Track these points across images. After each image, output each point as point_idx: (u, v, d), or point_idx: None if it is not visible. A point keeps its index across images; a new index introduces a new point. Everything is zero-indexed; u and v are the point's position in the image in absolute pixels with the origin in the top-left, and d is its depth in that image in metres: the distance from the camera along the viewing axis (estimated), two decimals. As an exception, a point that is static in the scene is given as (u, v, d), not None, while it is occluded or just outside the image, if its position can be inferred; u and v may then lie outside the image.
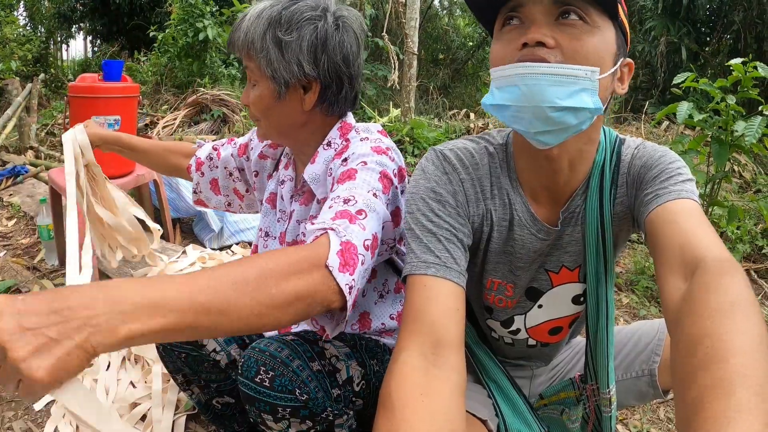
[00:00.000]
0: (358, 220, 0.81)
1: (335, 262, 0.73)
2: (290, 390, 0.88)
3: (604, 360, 0.97)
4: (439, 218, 0.83)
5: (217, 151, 1.31)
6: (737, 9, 6.47)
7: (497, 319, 1.01)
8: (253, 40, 0.96)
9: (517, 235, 0.90)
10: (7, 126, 4.87)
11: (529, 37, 0.72)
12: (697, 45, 6.82)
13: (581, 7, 0.73)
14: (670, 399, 1.83)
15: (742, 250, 3.08)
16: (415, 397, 0.67)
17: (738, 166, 4.57)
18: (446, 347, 0.73)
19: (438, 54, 11.27)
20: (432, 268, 0.79)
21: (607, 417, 1.03)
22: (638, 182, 0.84)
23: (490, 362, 1.05)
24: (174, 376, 1.22)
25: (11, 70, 7.13)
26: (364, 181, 0.89)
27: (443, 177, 0.86)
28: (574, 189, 0.88)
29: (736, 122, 2.23)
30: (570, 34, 0.73)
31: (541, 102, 0.72)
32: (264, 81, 0.98)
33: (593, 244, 0.90)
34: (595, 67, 0.73)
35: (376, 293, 1.11)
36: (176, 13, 5.88)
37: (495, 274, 0.95)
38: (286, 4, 0.96)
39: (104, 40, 12.50)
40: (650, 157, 0.85)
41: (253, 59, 0.98)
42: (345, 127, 1.05)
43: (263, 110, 1.02)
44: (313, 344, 0.97)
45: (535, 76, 0.71)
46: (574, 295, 0.98)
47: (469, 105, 8.54)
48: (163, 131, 4.98)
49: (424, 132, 4.54)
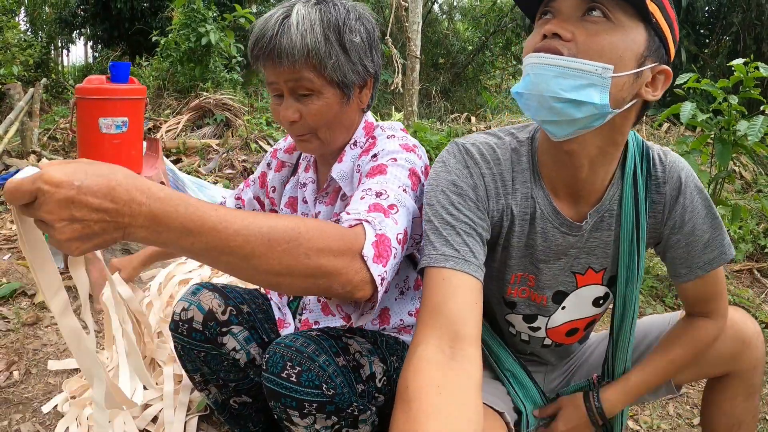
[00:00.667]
0: (391, 215, 0.82)
1: (370, 253, 0.74)
2: (317, 385, 0.88)
3: (623, 358, 1.01)
4: (458, 211, 0.84)
5: (240, 200, 1.32)
6: (736, 11, 6.50)
7: (521, 312, 1.01)
8: (315, 47, 0.91)
9: (539, 228, 0.91)
10: (9, 130, 4.88)
11: (547, 28, 0.76)
12: (697, 47, 6.84)
13: (607, 4, 0.74)
14: (679, 395, 1.84)
15: (744, 249, 3.09)
16: (432, 390, 0.67)
17: (739, 167, 4.58)
18: (464, 341, 0.73)
19: (438, 58, 11.30)
20: (451, 261, 0.79)
21: (618, 413, 1.04)
22: (676, 224, 0.92)
23: (505, 354, 1.06)
24: (192, 375, 1.22)
25: (13, 74, 7.14)
26: (395, 176, 0.90)
27: (464, 171, 0.87)
28: (599, 190, 0.90)
29: (739, 122, 2.25)
30: (589, 29, 0.74)
31: (545, 91, 0.75)
32: (328, 88, 0.95)
33: (626, 249, 0.92)
34: (609, 64, 0.73)
35: (397, 290, 1.12)
36: (178, 18, 5.90)
37: (517, 269, 0.96)
38: (326, 8, 0.94)
39: (105, 46, 12.52)
40: (690, 201, 0.91)
41: (313, 68, 0.92)
42: (368, 126, 1.07)
43: (329, 120, 0.98)
44: (338, 339, 0.97)
45: (543, 66, 0.75)
46: (596, 297, 1.00)
47: (470, 109, 8.57)
48: (166, 135, 4.99)
49: (427, 135, 4.56)
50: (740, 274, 2.98)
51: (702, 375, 1.07)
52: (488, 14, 11.69)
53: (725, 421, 1.05)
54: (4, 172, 4.13)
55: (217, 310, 1.12)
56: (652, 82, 0.80)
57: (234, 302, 1.16)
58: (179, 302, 1.14)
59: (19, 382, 1.74)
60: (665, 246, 0.96)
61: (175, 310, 1.14)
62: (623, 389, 1.00)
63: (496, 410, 0.95)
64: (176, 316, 1.13)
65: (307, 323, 1.13)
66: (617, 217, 0.92)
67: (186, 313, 1.12)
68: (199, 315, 1.11)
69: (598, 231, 0.92)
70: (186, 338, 1.13)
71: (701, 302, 0.99)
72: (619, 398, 1.00)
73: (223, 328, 1.12)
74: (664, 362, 0.99)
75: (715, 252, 0.93)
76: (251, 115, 5.44)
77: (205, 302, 1.12)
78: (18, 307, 2.18)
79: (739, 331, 1.01)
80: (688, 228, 0.92)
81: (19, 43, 8.54)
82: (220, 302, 1.13)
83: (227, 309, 1.13)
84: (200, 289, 1.15)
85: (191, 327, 1.12)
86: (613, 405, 1.00)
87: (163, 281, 1.94)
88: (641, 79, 0.78)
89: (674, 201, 0.91)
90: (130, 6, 11.20)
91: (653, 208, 0.92)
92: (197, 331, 1.12)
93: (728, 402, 1.04)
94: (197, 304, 1.12)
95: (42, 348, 1.94)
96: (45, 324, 2.10)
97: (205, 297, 1.13)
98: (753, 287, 2.84)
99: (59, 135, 5.69)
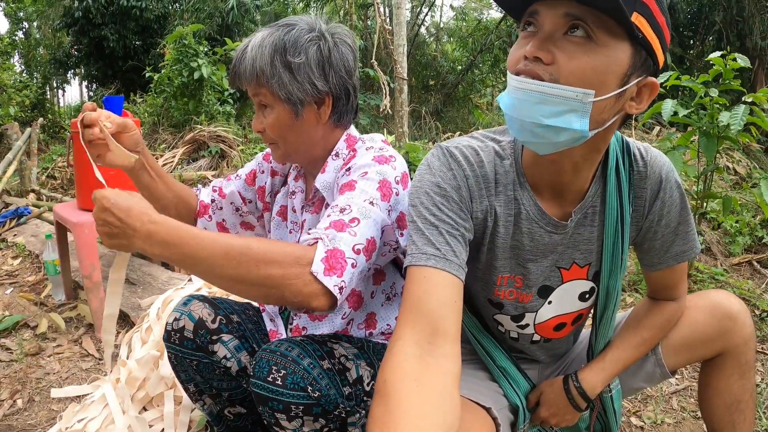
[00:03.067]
0: (349, 228, 0.90)
1: (319, 267, 0.84)
2: (302, 387, 0.90)
3: (604, 341, 1.03)
4: (441, 212, 0.85)
5: (217, 191, 1.30)
6: (717, 9, 6.61)
7: (508, 313, 1.03)
8: (262, 68, 1.00)
9: (525, 228, 0.93)
10: (8, 170, 4.94)
11: (528, 50, 0.73)
12: (681, 48, 6.95)
13: (591, 22, 0.70)
14: (682, 388, 1.83)
15: (742, 242, 3.10)
16: (409, 384, 0.68)
17: (732, 163, 4.61)
18: (442, 337, 0.74)
19: (428, 80, 11.45)
20: (432, 260, 0.81)
21: (608, 398, 1.05)
22: (655, 217, 0.95)
23: (497, 351, 1.07)
24: (186, 386, 1.23)
25: (10, 115, 7.25)
26: (362, 191, 0.96)
27: (448, 173, 0.89)
28: (582, 189, 0.91)
29: (721, 113, 2.28)
30: (569, 52, 0.71)
31: (526, 117, 0.74)
32: (278, 104, 1.03)
33: (611, 242, 0.94)
34: (590, 89, 0.71)
35: (384, 295, 1.14)
36: (170, 54, 6.01)
37: (504, 270, 0.97)
38: (283, 30, 1.02)
39: (100, 84, 12.73)
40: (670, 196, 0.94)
41: (264, 86, 1.02)
42: (350, 139, 1.12)
43: (282, 132, 1.06)
44: (322, 344, 0.99)
45: (525, 91, 0.73)
46: (581, 292, 1.01)
47: (462, 127, 8.65)
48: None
49: (419, 156, 4.61)
50: (740, 266, 2.98)
51: (695, 358, 1.07)
52: (474, 33, 11.89)
53: (723, 401, 1.05)
54: (4, 210, 4.17)
55: (207, 319, 1.16)
56: (637, 94, 0.78)
57: (224, 312, 1.19)
58: (171, 313, 1.18)
59: (23, 410, 1.76)
60: (643, 238, 0.98)
61: (167, 321, 1.17)
62: (599, 366, 1.02)
63: (482, 405, 0.95)
64: (168, 326, 1.17)
65: (298, 329, 1.14)
66: (600, 213, 0.94)
67: (177, 323, 1.15)
68: (190, 324, 1.15)
69: (582, 227, 0.94)
70: (178, 347, 1.16)
71: (668, 288, 1.04)
72: (596, 375, 1.01)
73: (213, 336, 1.15)
74: (635, 341, 1.03)
75: (687, 245, 0.98)
76: (245, 145, 5.50)
77: (196, 311, 1.16)
78: (21, 338, 2.21)
79: (726, 309, 1.02)
80: (665, 221, 0.95)
81: (15, 85, 8.69)
82: (210, 311, 1.17)
83: (217, 318, 1.16)
84: (191, 300, 1.19)
85: (182, 336, 1.15)
86: (593, 384, 1.01)
87: (161, 306, 1.96)
88: (625, 96, 0.76)
89: (655, 195, 0.93)
90: (122, 45, 11.43)
91: (636, 202, 0.94)
92: (188, 339, 1.15)
93: (724, 381, 1.04)
94: (188, 314, 1.16)
95: (45, 377, 1.96)
96: (47, 354, 2.12)
97: (195, 307, 1.17)
98: (753, 278, 2.84)
99: (57, 173, 5.75)
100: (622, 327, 1.07)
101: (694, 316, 1.04)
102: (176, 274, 2.61)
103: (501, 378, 1.06)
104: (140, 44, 11.71)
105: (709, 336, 1.02)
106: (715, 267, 2.85)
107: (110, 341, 0.98)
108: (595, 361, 1.04)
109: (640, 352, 1.04)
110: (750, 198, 3.68)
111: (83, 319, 2.39)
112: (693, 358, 1.08)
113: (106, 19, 11.07)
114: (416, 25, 11.31)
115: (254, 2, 11.36)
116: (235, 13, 10.48)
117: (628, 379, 1.10)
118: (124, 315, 2.30)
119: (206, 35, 9.28)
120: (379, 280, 1.13)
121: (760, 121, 2.26)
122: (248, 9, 11.05)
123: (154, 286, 2.49)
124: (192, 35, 5.88)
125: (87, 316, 2.38)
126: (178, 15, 11.43)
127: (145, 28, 11.54)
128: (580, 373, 1.02)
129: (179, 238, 0.82)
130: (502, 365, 1.07)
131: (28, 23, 16.42)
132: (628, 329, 1.05)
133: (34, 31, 16.41)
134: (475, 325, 1.07)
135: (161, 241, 0.81)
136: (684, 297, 1.05)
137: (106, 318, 0.98)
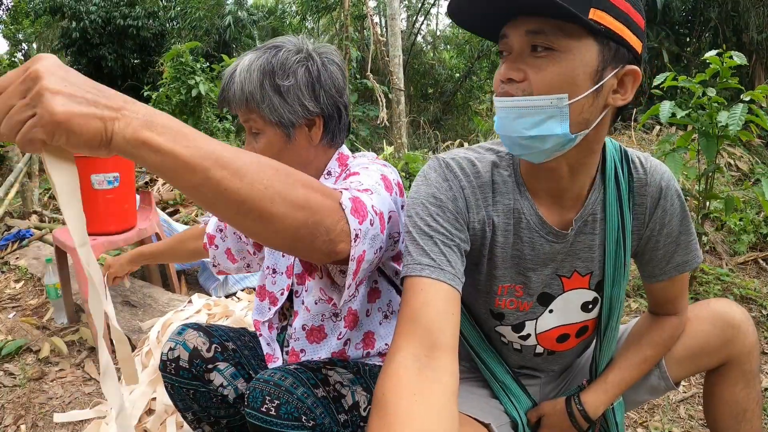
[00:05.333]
0: (366, 193, 0.82)
1: (348, 204, 0.72)
2: (296, 417, 0.89)
3: (608, 356, 1.02)
4: (437, 222, 0.85)
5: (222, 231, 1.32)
6: (712, 5, 6.61)
7: (508, 323, 1.02)
8: (251, 92, 0.99)
9: (525, 237, 0.92)
10: (10, 192, 4.96)
11: (502, 73, 0.79)
12: (678, 47, 6.94)
13: (551, 34, 0.74)
14: (689, 396, 1.80)
15: (747, 240, 3.07)
16: (408, 396, 0.67)
17: (734, 159, 4.58)
18: (440, 350, 0.73)
19: (427, 89, 11.48)
20: (427, 270, 0.80)
21: (609, 411, 1.04)
22: (656, 226, 0.95)
23: (498, 366, 1.06)
24: (184, 414, 1.22)
25: (11, 138, 7.28)
26: (368, 176, 0.93)
27: (444, 184, 0.89)
28: (581, 194, 0.91)
29: (719, 113, 2.26)
30: (537, 66, 0.76)
31: (511, 132, 0.80)
32: (269, 128, 1.02)
33: (613, 250, 0.94)
34: (562, 94, 0.75)
35: (381, 314, 1.12)
36: (168, 72, 6.04)
37: (504, 280, 0.96)
38: (271, 53, 1.01)
39: (101, 104, 12.80)
40: (671, 204, 0.94)
41: (254, 111, 1.01)
42: (342, 158, 1.12)
43: (274, 156, 1.01)
44: (317, 372, 0.98)
45: (505, 110, 0.79)
46: (584, 302, 1.00)
47: (462, 135, 8.65)
48: (163, 187, 5.05)
49: (418, 166, 4.61)
50: (745, 265, 2.95)
51: (700, 368, 1.06)
52: (471, 40, 11.92)
53: (729, 410, 1.03)
54: (7, 233, 4.18)
55: (202, 348, 1.15)
56: (620, 85, 0.79)
57: (219, 339, 1.18)
58: (166, 343, 1.17)
59: (25, 437, 1.74)
60: (644, 247, 0.98)
61: (162, 351, 1.16)
62: (602, 388, 1.01)
63: (481, 422, 0.94)
64: (164, 355, 1.16)
65: (294, 353, 1.13)
66: (601, 221, 0.93)
67: (172, 353, 1.14)
68: (185, 353, 1.14)
69: (582, 235, 0.93)
70: (174, 377, 1.15)
71: (669, 302, 1.03)
72: (599, 398, 1.00)
73: (208, 365, 1.15)
74: (638, 360, 1.02)
75: (689, 255, 0.97)
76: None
77: (190, 341, 1.15)
78: (24, 363, 2.20)
79: (728, 318, 1.00)
80: (667, 230, 0.95)
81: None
82: (204, 340, 1.16)
83: (212, 346, 1.16)
84: (185, 329, 1.18)
85: (178, 365, 1.14)
86: (595, 406, 1.00)
87: (161, 329, 1.95)
88: (604, 90, 0.77)
89: (656, 203, 0.93)
90: (120, 64, 11.53)
91: (636, 210, 0.94)
92: (184, 369, 1.14)
93: (729, 390, 1.02)
94: (182, 343, 1.15)
95: (48, 401, 1.95)
96: (50, 378, 2.11)
97: (189, 336, 1.16)
98: (759, 277, 2.81)
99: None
100: (624, 345, 1.06)
101: (697, 327, 1.03)
102: (176, 295, 2.60)
103: (501, 393, 1.05)
104: (138, 63, 11.82)
105: (713, 346, 1.01)
106: (720, 267, 2.82)
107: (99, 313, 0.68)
108: (597, 382, 1.02)
109: (642, 370, 1.02)
110: (753, 195, 3.65)
111: (85, 343, 2.38)
112: (697, 369, 1.06)
113: (104, 39, 11.20)
114: (413, 34, 11.37)
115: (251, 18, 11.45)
116: (232, 29, 10.57)
117: (631, 393, 1.08)
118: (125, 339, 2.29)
119: (203, 52, 9.35)
120: (374, 298, 1.12)
121: (760, 120, 2.24)
122: (245, 24, 11.13)
123: (155, 308, 2.48)
124: (189, 53, 5.92)
125: (89, 339, 2.37)
126: (175, 33, 11.54)
127: (143, 46, 11.67)
128: (583, 395, 1.01)
129: (205, 137, 0.60)
130: (502, 380, 1.05)
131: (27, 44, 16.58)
132: (630, 347, 1.04)
133: (33, 53, 16.58)
134: (477, 338, 1.06)
135: (177, 132, 0.57)
136: (685, 311, 1.04)
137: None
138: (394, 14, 5.24)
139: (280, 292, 1.19)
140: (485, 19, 0.80)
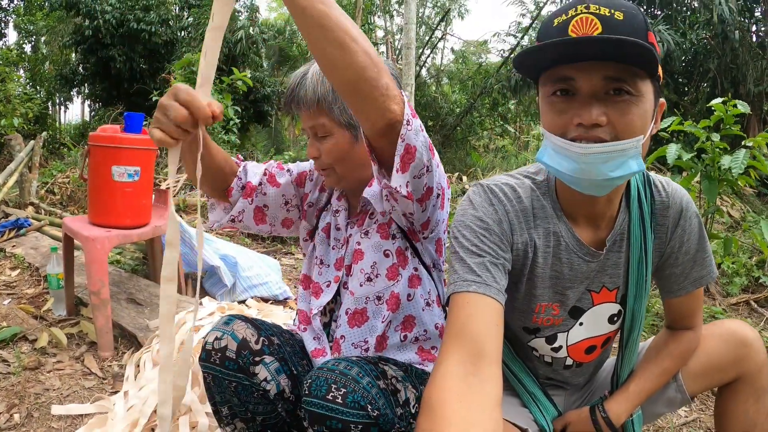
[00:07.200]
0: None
1: (404, 92, 0.89)
2: (362, 406, 0.90)
3: (629, 367, 1.08)
4: (482, 243, 0.90)
5: (267, 175, 1.27)
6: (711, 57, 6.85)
7: (543, 336, 1.07)
8: (324, 94, 1.07)
9: (564, 258, 0.98)
10: (9, 180, 4.92)
11: (585, 118, 0.79)
12: (677, 95, 7.16)
13: (630, 80, 0.78)
14: (691, 420, 1.83)
15: (739, 283, 3.15)
16: (454, 399, 0.71)
17: (726, 207, 4.71)
18: (485, 359, 0.77)
19: (428, 121, 11.66)
20: (473, 285, 0.85)
21: (629, 422, 1.08)
22: (676, 244, 1.01)
23: (527, 377, 1.11)
24: (219, 408, 1.18)
25: (13, 125, 7.22)
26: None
27: (489, 208, 0.94)
28: (612, 215, 0.98)
29: (722, 157, 2.36)
30: (620, 109, 0.79)
31: (596, 177, 0.83)
32: (338, 130, 1.09)
33: (636, 267, 1.00)
34: (640, 135, 0.81)
35: (423, 300, 1.16)
36: (177, 79, 6.08)
37: (543, 299, 1.01)
38: None
39: (104, 104, 12.82)
40: (690, 224, 1.00)
41: (323, 112, 1.08)
42: None
43: (341, 157, 1.11)
44: (375, 364, 1.01)
45: (592, 155, 0.81)
46: (610, 315, 1.06)
47: (460, 169, 8.78)
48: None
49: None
50: (737, 306, 3.01)
51: (713, 383, 1.11)
52: (474, 76, 12.17)
53: (739, 425, 1.08)
54: (4, 220, 4.15)
55: (251, 339, 1.12)
56: (655, 119, 0.86)
57: (265, 333, 1.16)
58: (211, 332, 1.13)
59: (20, 425, 1.70)
60: (664, 263, 1.04)
61: (207, 340, 1.12)
62: (624, 397, 1.06)
63: (519, 427, 0.98)
64: (208, 345, 1.12)
65: (336, 341, 1.16)
66: (626, 239, 1.00)
67: (219, 342, 1.11)
68: (233, 343, 1.11)
69: (611, 253, 1.00)
70: (219, 367, 1.11)
71: (686, 317, 1.09)
72: (621, 406, 1.05)
73: (256, 358, 1.12)
74: (657, 371, 1.07)
75: (705, 270, 1.04)
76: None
77: (239, 331, 1.12)
78: (18, 351, 2.15)
79: (741, 336, 1.06)
80: (685, 248, 1.01)
81: (19, 96, 8.69)
82: (253, 332, 1.14)
83: (260, 339, 1.14)
84: (233, 319, 1.15)
85: (225, 356, 1.10)
86: (618, 413, 1.04)
87: (174, 329, 1.91)
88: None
89: (676, 223, 1.00)
90: (129, 66, 11.57)
91: (658, 230, 1.01)
92: (231, 359, 1.10)
93: (740, 406, 1.07)
94: (231, 333, 1.12)
95: (44, 392, 1.90)
96: (47, 369, 2.06)
97: (238, 326, 1.13)
98: (751, 317, 2.87)
99: (57, 189, 5.75)
100: (643, 358, 1.11)
101: (711, 344, 1.08)
102: (183, 297, 2.58)
103: (531, 403, 1.09)
104: (147, 68, 11.86)
105: (726, 362, 1.06)
106: (714, 306, 2.89)
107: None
108: (619, 391, 1.07)
109: (661, 381, 1.07)
110: (745, 240, 3.75)
111: (85, 337, 2.32)
112: (711, 384, 1.11)
113: (115, 40, 11.26)
114: (417, 65, 11.60)
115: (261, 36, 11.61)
116: (243, 44, 10.69)
117: (650, 405, 1.12)
118: (131, 336, 2.26)
119: (213, 62, 9.39)
120: (416, 284, 1.15)
121: (760, 165, 2.34)
122: (255, 41, 11.27)
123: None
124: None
125: (90, 333, 2.31)
126: (186, 42, 11.64)
127: (153, 51, 11.75)
128: (606, 403, 1.05)
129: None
130: (531, 391, 1.10)
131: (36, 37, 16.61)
132: (650, 360, 1.09)
133: (41, 46, 16.60)
134: (508, 351, 1.11)
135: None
136: (700, 326, 1.10)
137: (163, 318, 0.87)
138: (410, 44, 5.37)
139: (326, 284, 1.22)
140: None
